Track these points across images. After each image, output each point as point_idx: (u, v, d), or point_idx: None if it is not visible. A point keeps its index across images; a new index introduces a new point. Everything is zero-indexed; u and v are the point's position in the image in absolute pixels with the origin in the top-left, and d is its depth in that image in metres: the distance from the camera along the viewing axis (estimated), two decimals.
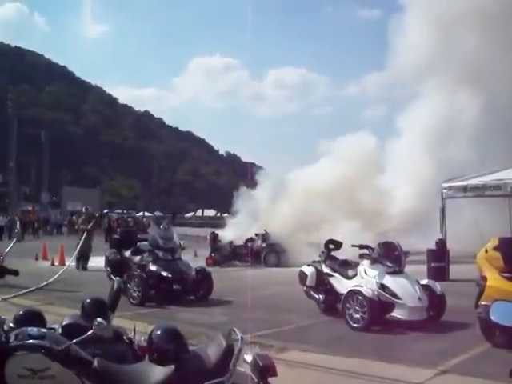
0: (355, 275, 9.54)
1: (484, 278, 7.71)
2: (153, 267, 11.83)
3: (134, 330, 4.71)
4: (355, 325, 8.71)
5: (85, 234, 18.70)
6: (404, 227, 18.57)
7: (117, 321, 5.15)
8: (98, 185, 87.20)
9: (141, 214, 61.58)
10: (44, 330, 3.39)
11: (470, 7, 23.58)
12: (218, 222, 34.76)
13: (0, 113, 68.68)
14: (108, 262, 13.18)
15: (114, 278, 9.20)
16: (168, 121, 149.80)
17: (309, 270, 10.33)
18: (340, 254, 10.59)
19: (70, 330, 4.10)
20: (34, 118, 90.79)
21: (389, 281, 8.98)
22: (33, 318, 4.19)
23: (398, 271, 9.17)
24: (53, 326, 4.37)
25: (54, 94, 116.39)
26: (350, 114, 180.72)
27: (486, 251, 7.98)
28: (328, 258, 10.35)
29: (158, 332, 3.83)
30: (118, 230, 19.55)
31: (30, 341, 3.15)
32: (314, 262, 10.60)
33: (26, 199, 65.58)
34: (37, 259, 20.55)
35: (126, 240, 13.91)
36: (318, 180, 23.16)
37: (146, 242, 12.83)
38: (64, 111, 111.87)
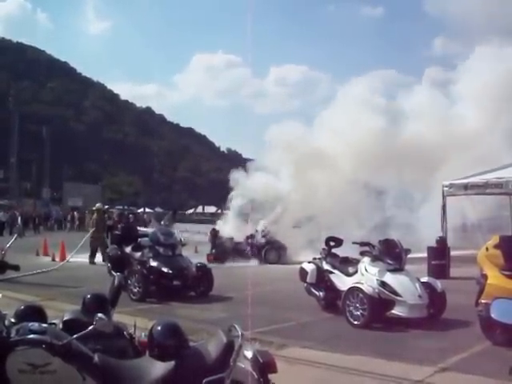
0: (356, 272, 9.54)
1: (484, 276, 7.71)
2: (153, 263, 11.84)
3: (135, 325, 4.72)
4: (355, 322, 8.71)
5: (92, 230, 18.92)
6: None
7: (117, 316, 5.16)
8: (99, 181, 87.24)
9: (141, 210, 61.61)
10: (45, 325, 3.39)
11: None
12: (218, 219, 34.76)
13: (1, 108, 68.74)
14: (109, 258, 13.21)
15: (114, 273, 9.20)
16: (169, 117, 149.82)
17: (309, 267, 10.34)
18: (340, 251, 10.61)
19: (70, 326, 4.11)
20: (36, 113, 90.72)
21: (389, 278, 8.98)
22: (34, 313, 4.20)
23: (398, 269, 9.17)
24: (54, 321, 4.37)
25: (56, 89, 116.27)
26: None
27: (487, 249, 7.98)
28: (329, 254, 10.35)
29: (159, 328, 3.84)
30: (119, 225, 19.57)
31: (31, 336, 3.15)
32: (314, 258, 10.60)
33: (27, 195, 65.62)
34: (37, 255, 20.60)
35: (126, 236, 13.93)
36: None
37: (146, 238, 12.84)
38: (65, 107, 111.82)
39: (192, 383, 3.25)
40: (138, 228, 15.41)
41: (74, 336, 3.27)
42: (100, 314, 3.41)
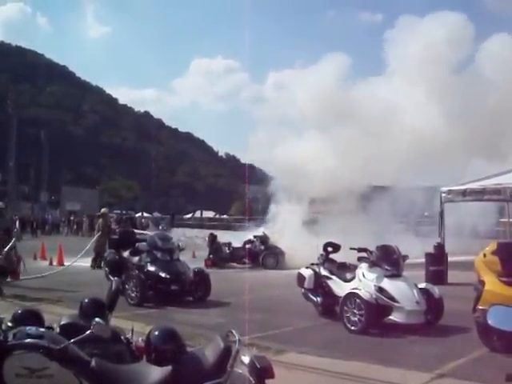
0: (353, 278, 9.53)
1: (482, 283, 7.73)
2: (151, 268, 11.82)
3: (132, 330, 4.71)
4: (353, 327, 8.70)
5: (98, 234, 18.88)
6: None
7: (115, 321, 5.16)
8: (97, 185, 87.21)
9: (139, 214, 61.55)
10: (42, 330, 3.40)
11: None
12: (216, 224, 34.84)
13: (0, 112, 68.73)
14: (106, 263, 13.18)
15: (112, 278, 9.19)
16: (167, 122, 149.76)
17: (307, 273, 10.32)
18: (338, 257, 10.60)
19: (68, 330, 4.10)
20: (34, 117, 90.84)
21: (387, 284, 8.97)
22: (31, 317, 4.20)
23: (396, 274, 9.17)
24: (51, 325, 4.37)
25: (55, 93, 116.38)
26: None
27: (485, 255, 8.00)
28: (326, 260, 10.34)
29: (156, 332, 3.85)
30: (117, 230, 19.51)
31: (28, 340, 3.15)
32: (312, 264, 10.60)
33: (25, 198, 65.56)
34: (35, 259, 20.56)
35: (124, 240, 13.91)
36: None
37: (144, 243, 12.82)
38: (64, 111, 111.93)
39: None
40: (136, 231, 15.33)
41: (72, 340, 3.28)
42: (97, 319, 3.41)
